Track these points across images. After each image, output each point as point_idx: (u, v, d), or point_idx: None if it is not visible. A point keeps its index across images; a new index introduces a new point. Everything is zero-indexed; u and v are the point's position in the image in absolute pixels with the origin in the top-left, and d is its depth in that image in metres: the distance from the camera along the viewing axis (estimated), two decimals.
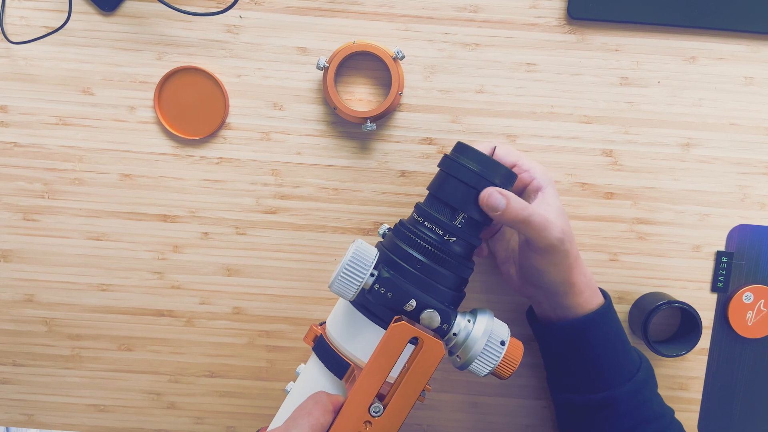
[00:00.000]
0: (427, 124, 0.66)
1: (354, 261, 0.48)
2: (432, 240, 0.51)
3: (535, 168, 0.58)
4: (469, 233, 0.53)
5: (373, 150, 0.67)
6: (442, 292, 0.51)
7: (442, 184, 0.53)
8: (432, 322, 0.50)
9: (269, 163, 0.67)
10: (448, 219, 0.52)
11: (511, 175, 0.53)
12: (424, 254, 0.51)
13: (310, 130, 0.66)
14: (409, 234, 0.52)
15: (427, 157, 0.67)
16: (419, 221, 0.53)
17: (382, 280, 0.49)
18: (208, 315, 0.69)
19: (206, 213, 0.67)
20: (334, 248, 0.68)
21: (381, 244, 0.54)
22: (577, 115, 0.66)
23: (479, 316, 0.52)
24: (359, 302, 0.52)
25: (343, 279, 0.48)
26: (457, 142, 0.54)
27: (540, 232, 0.53)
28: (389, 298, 0.49)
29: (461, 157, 0.52)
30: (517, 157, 0.58)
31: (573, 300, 0.58)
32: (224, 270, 0.68)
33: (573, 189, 0.67)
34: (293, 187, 0.67)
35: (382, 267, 0.50)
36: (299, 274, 0.68)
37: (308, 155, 0.67)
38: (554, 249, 0.54)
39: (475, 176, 0.52)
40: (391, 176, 0.67)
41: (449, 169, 0.53)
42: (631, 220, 0.67)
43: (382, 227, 0.56)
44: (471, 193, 0.52)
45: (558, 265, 0.55)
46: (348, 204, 0.67)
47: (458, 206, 0.52)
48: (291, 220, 0.67)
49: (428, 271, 0.51)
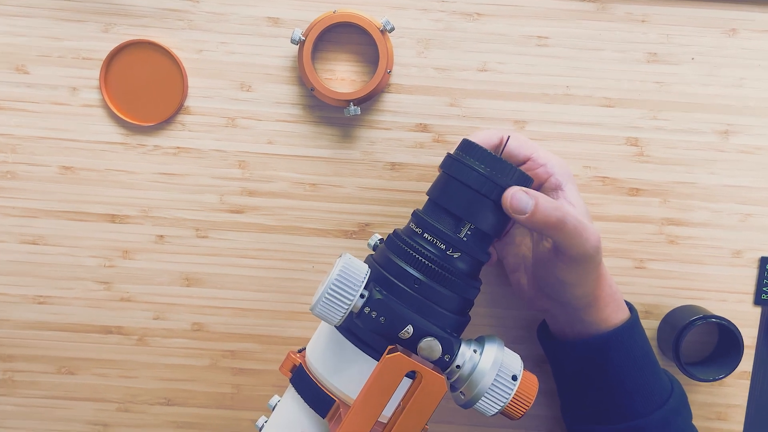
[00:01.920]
0: (420, 108, 0.65)
1: (341, 280, 0.47)
2: (432, 255, 0.50)
3: (553, 161, 0.56)
4: (476, 247, 0.51)
5: (357, 138, 0.65)
6: (444, 317, 0.50)
7: (445, 188, 0.51)
8: (432, 353, 0.49)
9: (235, 153, 0.65)
10: (452, 230, 0.51)
11: (525, 179, 0.52)
12: (422, 272, 0.50)
13: (284, 115, 0.65)
14: (406, 247, 0.50)
15: (420, 147, 0.65)
16: (417, 232, 0.51)
17: (373, 302, 0.48)
18: (164, 332, 0.67)
19: (161, 212, 0.66)
20: (312, 254, 0.66)
21: (372, 258, 0.52)
22: (596, 98, 0.65)
23: (487, 346, 0.51)
24: (346, 328, 0.51)
25: (327, 301, 0.47)
26: (462, 140, 0.52)
27: (574, 238, 0.51)
28: (382, 324, 0.48)
29: (467, 157, 0.51)
30: (532, 148, 0.56)
31: (595, 315, 0.56)
32: (182, 279, 0.66)
33: (592, 184, 0.66)
34: (263, 181, 0.65)
35: (374, 287, 0.49)
36: (270, 284, 0.66)
37: (281, 144, 0.65)
38: (588, 259, 0.53)
39: (484, 180, 0.50)
40: (378, 169, 0.65)
41: (453, 171, 0.51)
42: (660, 220, 0.66)
43: (373, 238, 0.55)
44: (478, 200, 0.50)
45: (587, 277, 0.54)
46: (328, 202, 0.66)
47: (463, 215, 0.50)
48: (261, 220, 0.66)
49: (428, 291, 0.49)
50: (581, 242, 0.52)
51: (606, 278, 0.56)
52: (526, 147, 0.57)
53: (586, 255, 0.52)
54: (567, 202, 0.55)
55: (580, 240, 0.51)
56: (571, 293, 0.55)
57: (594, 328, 0.57)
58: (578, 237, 0.51)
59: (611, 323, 0.57)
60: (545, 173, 0.56)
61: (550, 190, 0.56)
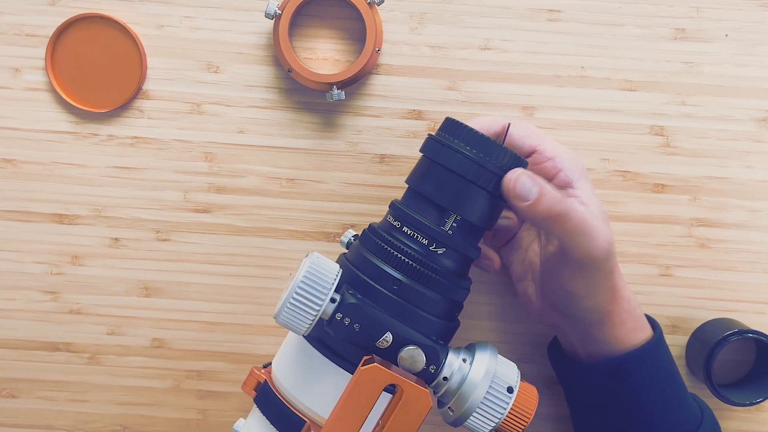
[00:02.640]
0: (413, 92, 0.64)
1: (307, 282, 0.47)
2: (413, 252, 0.50)
3: (563, 155, 0.56)
4: (464, 242, 0.51)
5: (341, 127, 0.65)
6: (428, 322, 0.50)
7: (426, 175, 0.52)
8: (415, 363, 0.49)
9: (201, 144, 0.65)
10: (435, 223, 0.51)
11: (519, 163, 0.51)
12: (402, 271, 0.50)
13: (257, 100, 0.64)
14: (383, 243, 0.51)
15: (413, 137, 0.64)
16: (396, 226, 0.52)
17: (346, 307, 0.48)
18: (119, 349, 0.66)
19: (116, 212, 0.65)
20: (289, 259, 0.65)
21: (344, 257, 0.53)
22: (616, 80, 0.64)
23: (478, 354, 0.51)
24: (316, 337, 0.51)
25: (293, 307, 0.47)
26: (445, 119, 0.52)
27: (579, 236, 0.51)
28: (356, 332, 0.48)
29: (450, 139, 0.51)
30: (538, 139, 0.56)
31: (611, 333, 0.56)
32: (141, 288, 0.66)
33: (611, 179, 0.65)
34: (234, 176, 0.65)
35: (347, 289, 0.49)
36: (242, 294, 0.66)
37: (254, 134, 0.65)
38: (596, 265, 0.52)
39: (470, 164, 0.50)
40: (365, 162, 0.65)
41: (435, 155, 0.51)
42: (689, 221, 0.65)
43: (347, 234, 0.55)
44: (465, 188, 0.51)
45: (597, 288, 0.54)
46: (307, 200, 0.65)
47: (448, 206, 0.51)
48: (230, 221, 0.65)
49: (409, 293, 0.50)
50: (587, 242, 0.51)
51: (621, 291, 0.56)
52: (532, 137, 0.56)
53: (593, 258, 0.52)
54: (579, 201, 0.54)
55: (585, 239, 0.51)
56: (580, 306, 0.55)
57: (609, 348, 0.56)
58: (584, 235, 0.51)
59: (629, 343, 0.56)
60: (553, 168, 0.55)
61: (558, 188, 0.55)
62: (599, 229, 0.52)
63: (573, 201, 0.52)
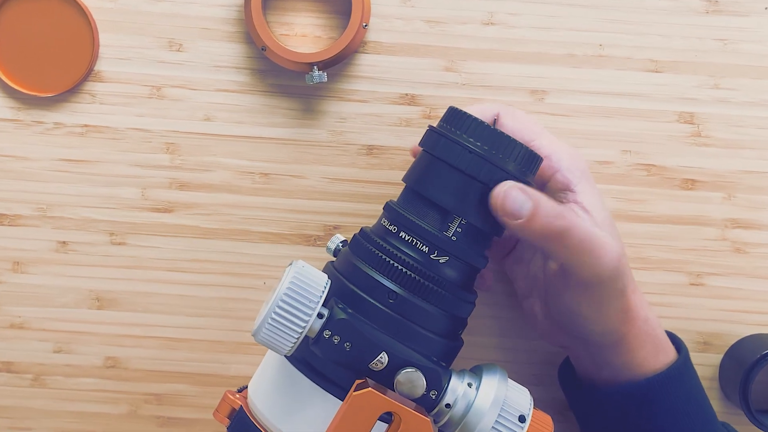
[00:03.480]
0: (406, 74, 0.63)
1: (291, 295, 0.47)
2: (412, 260, 0.50)
3: (560, 152, 0.54)
4: (469, 249, 0.51)
5: (323, 114, 0.64)
6: (429, 341, 0.49)
7: (427, 173, 0.51)
8: (413, 388, 0.48)
9: (162, 133, 0.64)
10: (437, 228, 0.50)
11: (532, 158, 0.51)
12: (399, 282, 0.49)
13: (226, 83, 0.64)
14: (377, 251, 0.50)
15: (406, 125, 0.63)
16: (392, 231, 0.51)
17: (335, 323, 0.48)
18: (67, 369, 0.65)
19: (64, 211, 0.64)
20: (263, 266, 0.64)
21: (332, 266, 0.52)
22: (639, 60, 0.63)
23: (486, 378, 0.50)
24: (300, 358, 0.50)
25: (274, 323, 0.46)
26: (448, 108, 0.52)
27: (582, 256, 0.50)
28: (347, 352, 0.47)
29: (455, 131, 0.50)
30: (532, 133, 0.54)
31: (628, 357, 0.55)
32: (92, 300, 0.65)
33: (633, 174, 0.64)
34: (199, 170, 0.64)
35: (336, 303, 0.48)
36: (208, 306, 0.65)
37: (222, 122, 0.64)
38: (604, 285, 0.52)
39: (478, 161, 0.49)
40: (351, 154, 0.64)
41: (437, 150, 0.51)
42: (722, 222, 0.64)
43: (334, 240, 0.54)
44: (471, 188, 0.50)
45: (607, 309, 0.53)
46: (284, 197, 0.64)
47: (452, 208, 0.50)
48: (196, 222, 0.64)
49: (407, 308, 0.49)
50: (592, 261, 0.50)
51: (637, 311, 0.54)
52: (525, 130, 0.54)
53: (600, 278, 0.51)
54: (580, 207, 0.53)
55: (589, 258, 0.50)
56: (589, 329, 0.54)
57: (626, 374, 0.55)
58: (587, 254, 0.50)
59: (650, 368, 0.55)
60: (549, 168, 0.54)
61: (556, 191, 0.55)
62: (606, 245, 0.50)
63: (572, 214, 0.51)
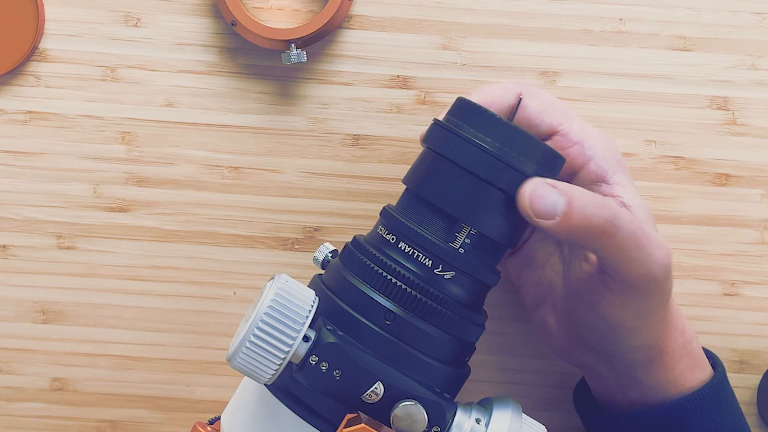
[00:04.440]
0: (397, 53, 0.61)
1: (274, 315, 0.45)
2: (413, 275, 0.48)
3: (593, 138, 0.53)
4: (479, 263, 0.49)
5: (302, 98, 0.62)
6: (431, 369, 0.48)
7: (432, 174, 0.49)
8: (413, 424, 0.47)
9: (117, 121, 0.61)
10: (442, 238, 0.48)
11: (554, 158, 0.49)
12: (398, 301, 0.48)
13: (190, 64, 0.61)
14: (372, 264, 0.48)
15: (397, 111, 0.61)
16: (390, 241, 0.49)
17: (323, 348, 0.46)
18: (9, 392, 0.63)
19: (4, 211, 0.62)
20: (232, 273, 0.62)
21: (320, 281, 0.50)
22: (664, 37, 0.61)
23: (496, 413, 0.48)
24: (283, 387, 0.48)
25: (253, 347, 0.45)
26: (456, 100, 0.50)
27: (630, 252, 0.48)
28: (337, 381, 0.46)
29: (464, 126, 0.48)
30: (562, 115, 0.53)
31: (660, 375, 0.53)
32: (36, 312, 0.63)
33: (658, 168, 0.62)
34: (160, 163, 0.62)
35: (324, 324, 0.47)
36: (170, 319, 0.62)
37: (186, 108, 0.61)
38: (654, 287, 0.49)
39: (491, 161, 0.48)
40: (334, 145, 0.62)
41: (444, 148, 0.49)
42: (761, 223, 0.62)
43: (322, 249, 0.52)
44: (483, 192, 0.48)
45: (650, 318, 0.51)
46: (257, 195, 0.62)
47: (460, 215, 0.48)
48: (156, 223, 0.62)
49: (406, 330, 0.47)
50: (643, 257, 0.48)
51: (675, 320, 0.53)
52: (553, 113, 0.53)
53: (650, 278, 0.48)
54: (618, 202, 0.52)
55: (640, 254, 0.48)
56: (624, 343, 0.52)
57: (657, 394, 0.53)
58: (638, 249, 0.48)
59: (683, 387, 0.53)
60: (581, 156, 0.52)
61: (588, 183, 0.53)
62: (655, 239, 0.48)
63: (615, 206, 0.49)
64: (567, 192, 0.47)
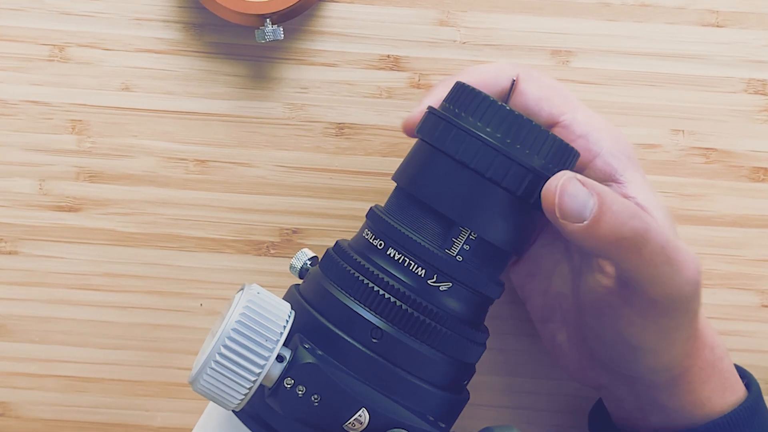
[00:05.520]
0: (387, 29, 0.59)
1: (242, 331, 0.43)
2: (404, 287, 0.46)
3: (599, 131, 0.50)
4: (479, 273, 0.47)
5: (278, 82, 0.59)
6: (423, 394, 0.47)
7: (425, 171, 0.48)
8: None
9: (66, 107, 0.59)
10: (438, 244, 0.47)
11: (568, 153, 0.47)
12: (386, 316, 0.46)
13: (151, 42, 0.59)
14: (357, 273, 0.47)
15: (387, 96, 0.58)
16: (377, 247, 0.48)
17: (300, 369, 0.44)
18: None
19: None
20: (198, 282, 0.59)
21: (297, 292, 0.49)
22: (694, 11, 0.59)
23: None
24: (253, 414, 0.47)
25: (218, 370, 0.43)
26: (455, 84, 0.48)
27: (659, 267, 0.46)
28: (315, 408, 0.45)
29: (464, 116, 0.47)
30: (564, 104, 0.51)
31: (687, 397, 0.51)
32: None
33: (687, 161, 0.59)
34: (115, 156, 0.59)
35: (301, 342, 0.46)
36: (127, 334, 0.60)
37: (146, 92, 0.59)
38: (682, 306, 0.48)
39: (494, 156, 0.46)
40: (315, 135, 0.59)
41: (440, 141, 0.47)
42: None
43: (299, 256, 0.50)
44: (484, 191, 0.46)
45: (676, 337, 0.49)
46: (227, 192, 0.59)
47: (457, 217, 0.47)
48: (110, 224, 0.59)
49: (395, 350, 0.46)
50: (670, 275, 0.46)
51: (705, 336, 0.51)
52: (554, 100, 0.51)
53: (677, 296, 0.47)
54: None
55: (668, 271, 0.46)
56: (646, 364, 0.50)
57: (683, 418, 0.52)
58: (666, 265, 0.46)
59: (712, 409, 0.52)
60: (586, 152, 0.50)
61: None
62: (685, 252, 0.46)
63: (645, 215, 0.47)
64: (598, 191, 0.45)
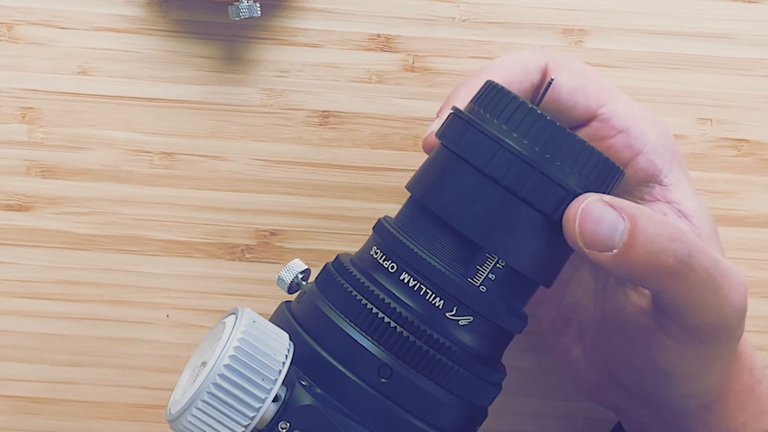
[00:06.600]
0: (378, 5, 0.56)
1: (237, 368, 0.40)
2: (417, 320, 0.42)
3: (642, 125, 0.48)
4: (504, 306, 0.44)
5: (254, 64, 0.57)
6: None
7: (447, 182, 0.44)
8: None
9: (15, 93, 0.56)
10: (460, 271, 0.43)
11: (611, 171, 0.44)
12: (396, 352, 0.42)
13: (110, 20, 0.56)
14: (363, 298, 0.43)
15: (378, 81, 0.56)
16: (388, 269, 0.43)
17: (296, 412, 0.41)
18: None
19: None
20: (163, 290, 0.56)
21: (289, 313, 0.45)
22: None
23: None
24: None
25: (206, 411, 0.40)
26: (485, 84, 0.44)
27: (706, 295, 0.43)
28: None
29: (496, 123, 0.43)
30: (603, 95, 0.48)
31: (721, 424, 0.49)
32: None
33: (715, 154, 0.57)
34: (71, 148, 0.56)
35: (298, 378, 0.42)
36: (83, 349, 0.56)
37: (105, 76, 0.56)
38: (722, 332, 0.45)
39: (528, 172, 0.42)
40: (296, 124, 0.56)
41: (466, 150, 0.43)
42: None
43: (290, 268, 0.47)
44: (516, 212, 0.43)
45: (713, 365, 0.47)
46: (196, 189, 0.56)
47: (484, 241, 0.43)
48: (65, 225, 0.56)
49: (405, 391, 0.42)
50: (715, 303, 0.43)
51: (744, 357, 0.49)
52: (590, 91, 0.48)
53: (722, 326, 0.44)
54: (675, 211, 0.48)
55: (713, 299, 0.43)
56: (678, 391, 0.47)
57: None
58: (712, 293, 0.43)
59: None
60: (627, 149, 0.48)
61: (635, 184, 0.49)
62: (732, 275, 0.43)
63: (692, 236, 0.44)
64: (629, 211, 0.42)
